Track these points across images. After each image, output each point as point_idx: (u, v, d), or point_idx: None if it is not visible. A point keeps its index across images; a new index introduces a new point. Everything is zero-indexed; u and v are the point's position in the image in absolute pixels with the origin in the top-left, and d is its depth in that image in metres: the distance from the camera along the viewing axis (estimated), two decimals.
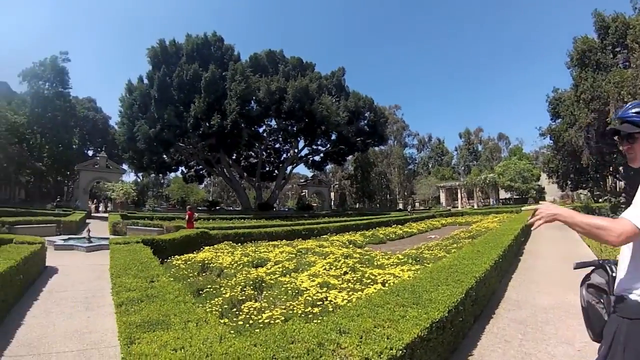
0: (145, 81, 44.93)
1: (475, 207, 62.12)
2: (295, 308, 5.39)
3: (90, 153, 61.29)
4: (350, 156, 61.95)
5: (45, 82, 46.44)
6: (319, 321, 3.95)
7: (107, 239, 15.24)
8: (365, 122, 49.98)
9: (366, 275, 7.20)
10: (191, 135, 42.67)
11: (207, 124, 40.54)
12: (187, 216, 18.44)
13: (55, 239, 15.94)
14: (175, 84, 40.88)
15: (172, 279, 6.45)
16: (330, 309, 5.17)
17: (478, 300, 5.77)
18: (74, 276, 9.72)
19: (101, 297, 7.56)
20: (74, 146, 52.30)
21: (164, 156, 48.00)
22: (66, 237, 17.36)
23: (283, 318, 4.94)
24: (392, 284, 6.31)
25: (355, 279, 7.07)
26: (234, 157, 52.45)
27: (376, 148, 66.72)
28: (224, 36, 46.58)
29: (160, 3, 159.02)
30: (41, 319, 6.40)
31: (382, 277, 7.05)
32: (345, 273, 7.82)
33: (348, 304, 4.89)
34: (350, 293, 5.96)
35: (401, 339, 3.18)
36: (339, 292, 6.09)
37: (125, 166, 52.19)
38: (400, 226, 24.90)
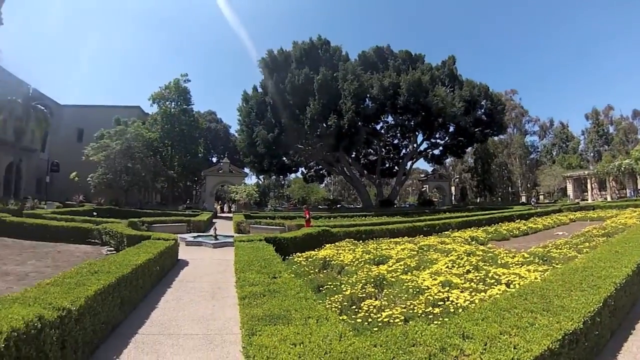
0: (260, 90, 47.67)
1: (609, 199, 52.42)
2: (415, 307, 5.19)
3: (215, 160, 66.29)
4: (470, 148, 58.59)
5: (171, 102, 51.67)
6: (440, 322, 3.76)
7: (232, 236, 16.17)
8: (482, 111, 46.97)
9: (490, 274, 6.78)
10: (309, 136, 44.09)
11: (324, 125, 41.46)
12: (305, 215, 19.06)
13: (186, 236, 17.44)
14: (289, 89, 42.26)
15: (293, 276, 6.63)
16: (452, 310, 4.92)
17: (617, 311, 5.03)
18: (202, 269, 10.56)
19: (225, 289, 8.08)
20: (200, 155, 57.28)
21: (284, 158, 50.16)
22: (195, 234, 18.91)
23: (403, 318, 4.77)
24: (517, 285, 5.86)
25: (478, 278, 6.67)
26: (353, 156, 52.70)
27: (495, 138, 61.46)
28: (327, 37, 47.28)
29: (257, 20, 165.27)
30: (172, 304, 7.07)
31: (506, 277, 6.58)
32: (468, 272, 7.40)
33: (471, 306, 4.64)
34: (473, 294, 5.62)
35: (529, 350, 2.91)
36: (461, 292, 5.77)
37: (247, 170, 55.32)
38: (524, 221, 22.90)
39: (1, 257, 11.72)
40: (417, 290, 6.08)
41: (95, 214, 25.19)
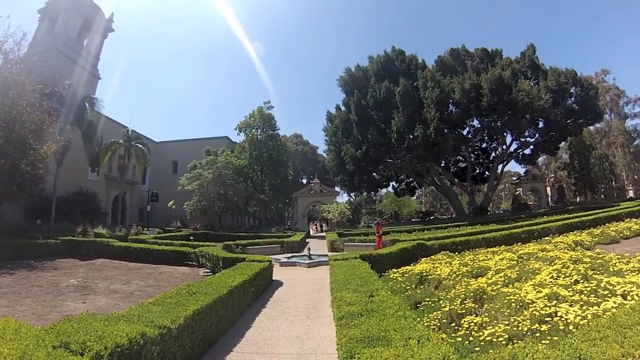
0: (343, 108, 48.12)
1: None
2: (520, 324, 4.72)
3: (305, 181, 67.71)
4: (563, 142, 53.24)
5: (257, 129, 53.52)
6: (549, 342, 3.43)
7: (326, 255, 16.37)
8: (572, 99, 42.54)
9: (602, 284, 5.87)
10: (397, 149, 43.49)
11: (411, 136, 40.98)
12: (378, 231, 18.72)
13: (280, 257, 17.90)
14: (371, 104, 42.35)
15: (390, 293, 6.43)
16: (562, 327, 4.38)
17: None
18: (296, 289, 10.68)
19: (320, 308, 8.08)
20: (290, 177, 58.47)
21: (374, 174, 49.87)
22: (289, 255, 19.35)
23: (507, 336, 4.38)
24: (637, 297, 5.06)
25: (588, 289, 5.84)
26: (442, 165, 51.10)
27: (591, 127, 54.93)
28: (400, 46, 46.82)
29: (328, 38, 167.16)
30: (267, 323, 7.19)
31: (621, 287, 5.63)
32: (576, 282, 6.59)
33: (583, 322, 4.14)
34: (584, 308, 4.91)
35: None
36: (570, 306, 5.08)
37: (337, 188, 55.80)
38: (634, 220, 20.01)
39: (110, 277, 13.06)
40: (521, 304, 5.54)
41: (192, 238, 26.66)
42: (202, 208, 42.39)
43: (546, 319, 4.77)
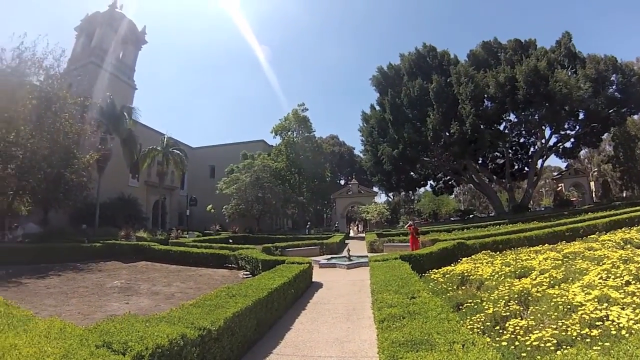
0: (377, 108, 47.86)
1: None
2: (568, 329, 4.48)
3: (342, 182, 67.57)
4: (606, 134, 49.43)
5: (292, 131, 54.24)
6: (601, 348, 3.26)
7: (366, 256, 16.30)
8: (614, 87, 39.81)
9: None
10: (433, 147, 42.89)
11: (447, 134, 40.29)
12: (410, 231, 18.36)
13: (319, 258, 17.85)
14: (405, 102, 41.96)
15: (431, 294, 6.29)
16: (614, 332, 4.11)
17: None
18: (336, 290, 10.64)
19: (361, 310, 8.02)
20: (327, 179, 58.83)
21: (411, 173, 49.37)
22: (329, 256, 19.29)
23: (555, 341, 4.18)
24: None
25: None
26: (480, 161, 49.83)
27: (635, 117, 49.49)
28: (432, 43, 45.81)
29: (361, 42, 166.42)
30: (307, 325, 7.19)
31: None
32: (628, 283, 6.13)
33: (637, 327, 3.92)
34: (638, 311, 4.60)
35: None
36: (622, 309, 4.77)
37: (375, 188, 55.44)
38: None
39: (151, 279, 13.48)
40: (568, 307, 5.28)
41: (231, 241, 27.07)
42: (240, 211, 42.99)
43: (597, 323, 4.51)
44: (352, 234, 41.07)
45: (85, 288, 11.69)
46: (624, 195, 55.08)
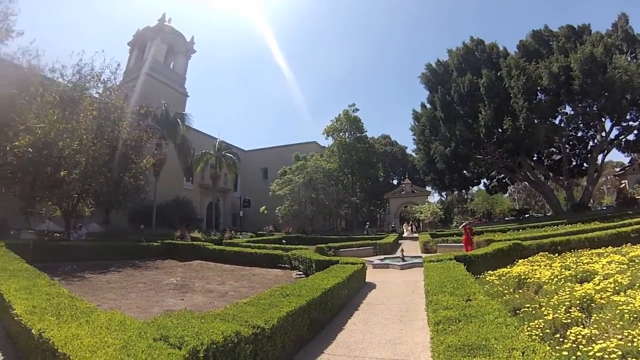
0: (428, 105, 47.16)
1: None
2: (635, 339, 4.13)
3: (395, 182, 66.95)
4: None
5: (344, 132, 54.38)
6: None
7: (420, 257, 16.15)
8: None
9: None
10: (486, 144, 41.80)
11: (500, 130, 39.11)
12: (464, 233, 17.87)
13: (373, 259, 17.71)
14: (456, 99, 41.09)
15: (488, 297, 6.11)
16: None
17: None
18: (390, 291, 10.54)
19: (414, 312, 7.92)
20: (380, 179, 58.54)
21: (464, 171, 48.44)
22: (382, 257, 19.14)
23: (620, 353, 3.87)
24: None
25: None
26: (535, 158, 47.76)
27: None
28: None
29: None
30: (359, 326, 7.16)
31: None
32: None
33: None
34: None
35: None
36: None
37: (428, 188, 54.60)
38: None
39: (206, 277, 13.99)
40: (635, 316, 4.91)
41: (284, 241, 27.34)
42: (293, 212, 43.49)
43: None
44: (405, 234, 40.56)
45: (143, 284, 12.30)
46: None
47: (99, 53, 32.64)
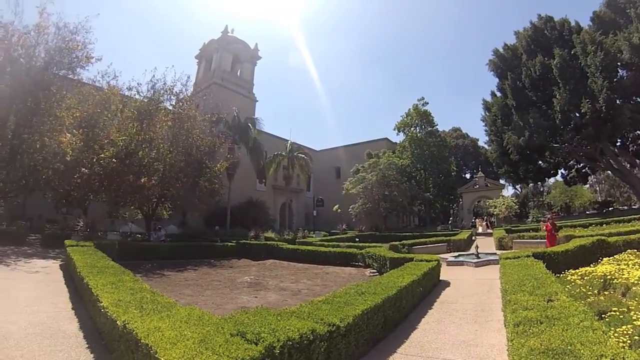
0: (498, 94, 45.46)
1: None
2: None
3: (468, 176, 65.69)
4: None
5: (415, 127, 53.78)
6: None
7: (495, 254, 15.63)
8: None
9: None
10: (563, 132, 39.41)
11: (577, 114, 36.72)
12: (546, 230, 17.00)
13: (447, 255, 17.44)
14: (527, 84, 39.34)
15: (569, 298, 5.75)
16: None
17: None
18: (464, 290, 10.32)
19: (489, 312, 7.71)
20: (453, 173, 57.33)
21: (540, 162, 46.20)
22: (456, 254, 18.77)
23: None
24: None
25: None
26: (618, 144, 43.71)
27: None
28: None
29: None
30: (433, 325, 7.04)
31: None
32: None
33: None
34: None
35: None
36: None
37: (502, 181, 53.13)
38: None
39: (279, 276, 14.39)
40: None
41: (357, 239, 27.59)
42: (367, 210, 43.64)
43: None
44: (480, 230, 39.25)
45: (218, 282, 12.88)
46: None
47: (170, 68, 35.20)
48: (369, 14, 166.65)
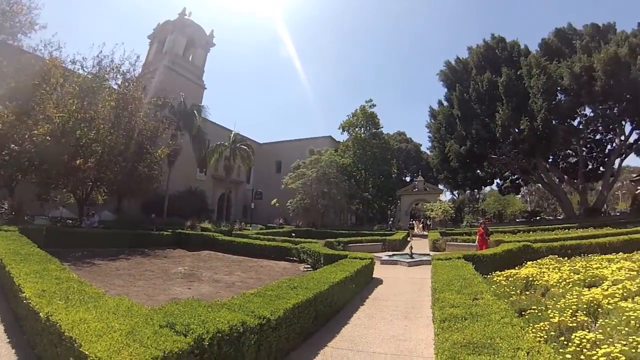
0: (445, 103, 46.92)
1: None
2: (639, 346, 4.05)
3: (408, 179, 66.75)
4: None
5: (360, 127, 54.06)
6: None
7: (428, 254, 16.15)
8: None
9: None
10: (502, 144, 41.37)
11: (517, 130, 38.51)
12: (478, 234, 17.71)
13: (381, 254, 17.77)
14: (474, 97, 40.71)
15: (495, 297, 6.05)
16: None
17: None
18: (396, 288, 10.59)
19: (419, 309, 7.94)
20: (393, 175, 58.31)
21: (478, 171, 47.92)
22: (391, 253, 19.15)
23: (624, 358, 3.81)
24: None
25: None
26: (550, 160, 46.59)
27: None
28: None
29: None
30: (364, 320, 7.18)
31: None
32: None
33: None
34: None
35: None
36: None
37: (441, 186, 54.33)
38: None
39: (214, 268, 14.16)
40: None
41: (293, 234, 27.54)
42: (305, 206, 43.37)
43: None
44: (415, 231, 40.29)
45: (151, 272, 12.50)
46: None
47: (119, 46, 33.38)
48: (328, 14, 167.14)
